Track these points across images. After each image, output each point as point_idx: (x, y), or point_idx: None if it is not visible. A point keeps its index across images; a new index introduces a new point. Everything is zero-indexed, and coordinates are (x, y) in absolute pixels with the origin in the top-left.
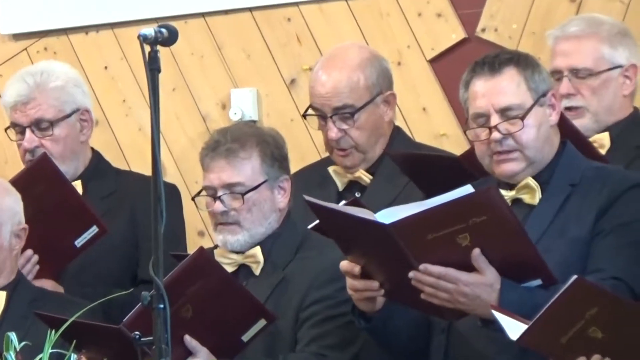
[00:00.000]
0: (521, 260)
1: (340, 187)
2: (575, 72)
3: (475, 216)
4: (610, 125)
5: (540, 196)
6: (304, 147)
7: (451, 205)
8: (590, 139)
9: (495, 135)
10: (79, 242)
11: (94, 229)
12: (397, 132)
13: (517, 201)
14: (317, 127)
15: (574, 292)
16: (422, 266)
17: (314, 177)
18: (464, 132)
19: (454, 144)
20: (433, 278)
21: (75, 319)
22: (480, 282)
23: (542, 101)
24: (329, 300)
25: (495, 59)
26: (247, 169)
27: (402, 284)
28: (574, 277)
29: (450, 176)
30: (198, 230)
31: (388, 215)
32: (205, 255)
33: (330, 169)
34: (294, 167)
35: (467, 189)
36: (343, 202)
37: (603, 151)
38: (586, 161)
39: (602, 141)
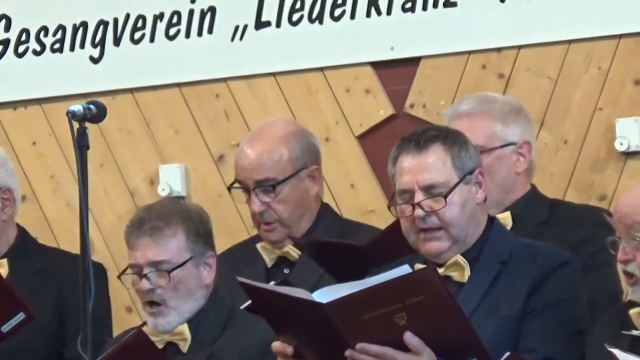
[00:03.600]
0: (458, 339)
1: (269, 263)
2: None
3: (413, 296)
4: (510, 205)
5: (470, 274)
6: (232, 223)
7: (388, 285)
8: None
9: (419, 212)
10: (5, 328)
11: (20, 315)
12: (324, 208)
13: (446, 279)
14: (244, 200)
15: None
16: (359, 345)
17: (242, 254)
18: (389, 208)
19: (382, 220)
20: (370, 357)
21: None
22: None
23: (468, 179)
24: None
25: (422, 136)
26: (173, 246)
27: None
28: (507, 353)
29: (356, 264)
30: (126, 306)
31: (325, 295)
32: (144, 337)
33: (258, 246)
34: (222, 243)
35: (405, 269)
36: (272, 283)
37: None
38: (514, 238)
39: (505, 220)
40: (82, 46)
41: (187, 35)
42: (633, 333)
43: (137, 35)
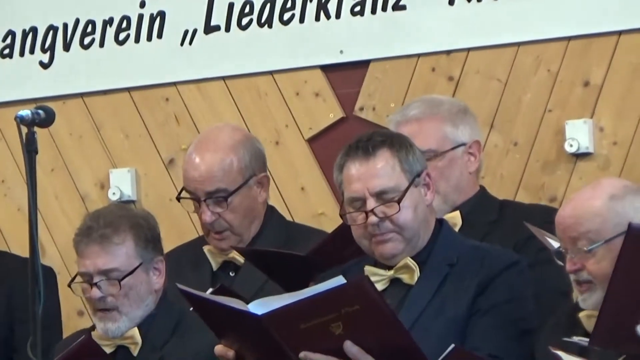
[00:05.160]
0: (396, 346)
1: (215, 267)
2: None
3: (348, 306)
4: (460, 204)
5: (419, 275)
6: (183, 227)
7: (323, 296)
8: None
9: (372, 219)
10: None
11: None
12: (270, 212)
13: (395, 281)
14: (193, 209)
15: None
16: (302, 354)
17: (188, 256)
18: (341, 216)
19: (333, 223)
20: None
21: None
22: None
23: (417, 181)
24: None
25: (369, 142)
26: (122, 254)
27: None
28: (452, 345)
29: (298, 271)
30: (77, 310)
31: (261, 306)
32: (92, 343)
33: (205, 249)
34: (173, 247)
35: (340, 280)
36: (210, 290)
37: (456, 229)
38: (463, 240)
39: (454, 220)
40: (32, 51)
41: (137, 40)
42: (573, 340)
43: (87, 40)
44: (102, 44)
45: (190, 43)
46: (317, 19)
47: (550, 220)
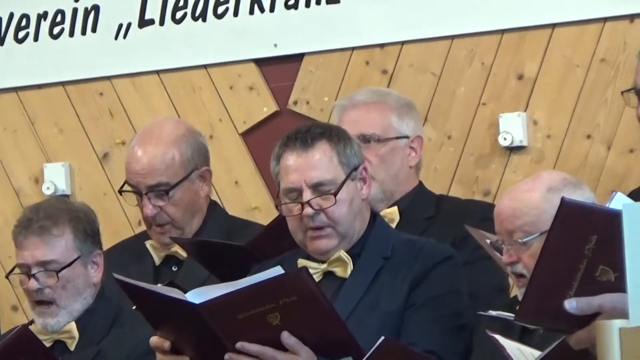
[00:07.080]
0: (333, 337)
1: (157, 261)
2: (363, 139)
3: (285, 296)
4: (398, 200)
5: (352, 269)
6: (117, 221)
7: (261, 286)
8: (381, 214)
9: (308, 210)
10: None
11: None
12: (213, 206)
13: (329, 274)
14: (135, 203)
15: (384, 352)
16: (239, 344)
17: (130, 251)
18: (276, 207)
19: (266, 217)
20: (250, 358)
21: None
22: None
23: (354, 175)
24: None
25: (307, 134)
26: (61, 246)
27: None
28: (382, 338)
29: (237, 262)
30: (12, 305)
31: (198, 295)
32: (29, 334)
33: (148, 244)
34: (107, 241)
35: (277, 270)
36: (159, 285)
37: (393, 225)
38: (397, 234)
39: (392, 215)
40: None
41: (71, 34)
42: (491, 313)
43: (21, 34)
44: (36, 38)
45: (125, 37)
46: (251, 12)
47: (487, 216)
